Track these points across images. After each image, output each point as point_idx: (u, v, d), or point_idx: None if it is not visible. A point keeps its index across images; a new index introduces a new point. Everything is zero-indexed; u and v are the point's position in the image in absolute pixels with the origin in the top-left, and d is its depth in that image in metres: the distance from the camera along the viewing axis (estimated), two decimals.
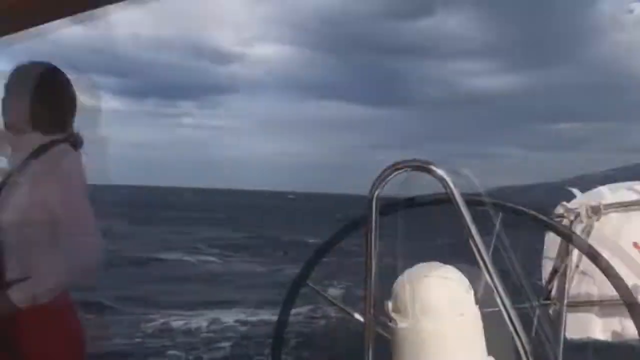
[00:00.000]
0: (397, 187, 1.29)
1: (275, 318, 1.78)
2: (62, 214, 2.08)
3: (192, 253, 22.65)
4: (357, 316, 1.58)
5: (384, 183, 1.23)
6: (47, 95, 2.22)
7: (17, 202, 2.11)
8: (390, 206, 1.39)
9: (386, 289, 1.28)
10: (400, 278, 1.23)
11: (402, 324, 1.17)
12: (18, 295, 1.99)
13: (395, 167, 1.22)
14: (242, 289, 15.22)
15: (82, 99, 2.32)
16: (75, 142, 2.25)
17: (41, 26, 2.08)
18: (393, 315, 1.20)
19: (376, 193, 1.24)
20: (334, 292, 11.69)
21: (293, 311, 1.75)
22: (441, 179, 1.19)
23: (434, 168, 1.19)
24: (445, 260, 1.28)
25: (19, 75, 2.21)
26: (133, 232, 27.04)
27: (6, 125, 2.26)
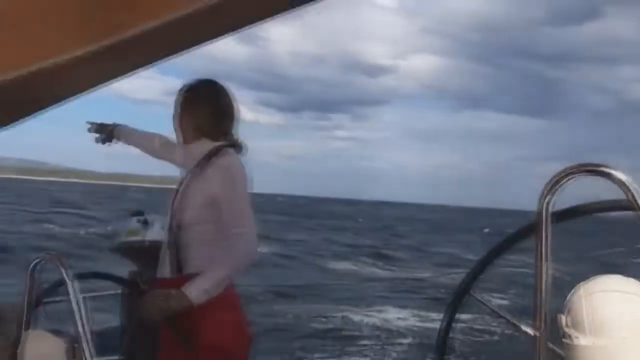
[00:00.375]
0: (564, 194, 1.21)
1: (437, 325, 1.76)
2: (228, 211, 2.28)
3: (348, 259, 23.10)
4: (527, 329, 1.50)
5: (556, 188, 1.15)
6: (215, 107, 2.46)
7: (191, 202, 2.32)
8: (563, 213, 1.30)
9: (558, 301, 1.21)
10: (575, 291, 1.15)
11: (578, 340, 1.09)
12: (193, 293, 2.15)
13: (568, 171, 1.13)
14: (399, 293, 15.14)
15: (243, 112, 2.55)
16: (239, 147, 2.46)
17: (209, 46, 2.30)
18: (567, 330, 1.13)
19: (547, 199, 1.17)
20: (498, 303, 11.27)
21: (457, 318, 1.72)
22: (621, 184, 1.09)
23: (612, 171, 1.09)
24: (626, 273, 1.17)
25: (191, 90, 2.48)
26: (297, 237, 28.41)
27: (178, 136, 2.54)
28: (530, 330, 1.43)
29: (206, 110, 2.44)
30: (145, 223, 2.90)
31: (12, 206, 37.26)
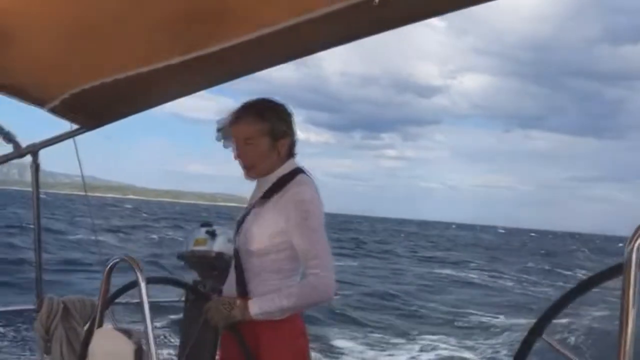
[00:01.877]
0: None
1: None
2: (303, 248, 2.19)
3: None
4: None
5: None
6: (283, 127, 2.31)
7: (261, 231, 2.26)
8: None
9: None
10: None
11: None
12: (256, 309, 2.19)
13: None
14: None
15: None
16: (308, 172, 2.33)
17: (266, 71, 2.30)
18: None
19: (638, 242, 1.11)
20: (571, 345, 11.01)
21: None
22: None
23: None
24: None
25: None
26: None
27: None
28: None
29: (276, 129, 2.30)
30: (213, 234, 2.95)
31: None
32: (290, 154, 2.36)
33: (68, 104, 2.43)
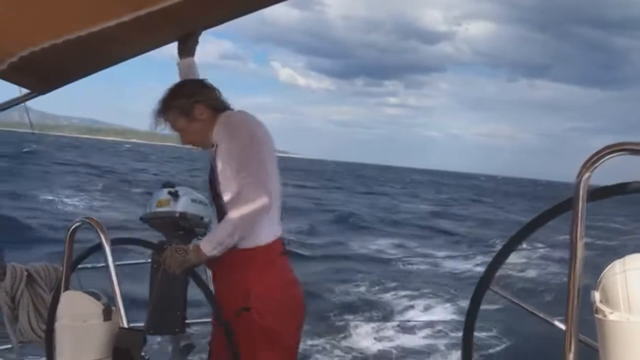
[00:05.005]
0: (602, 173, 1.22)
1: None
2: (235, 161, 2.30)
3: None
4: (555, 322, 1.49)
5: (594, 167, 1.16)
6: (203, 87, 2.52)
7: (219, 170, 2.38)
8: (600, 191, 1.31)
9: (592, 279, 1.23)
10: (609, 269, 1.16)
11: (611, 316, 1.11)
12: (207, 247, 2.27)
13: (608, 149, 1.15)
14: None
15: (295, 78, 2.55)
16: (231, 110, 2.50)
17: (262, 10, 2.30)
18: (600, 306, 1.15)
19: (585, 177, 1.18)
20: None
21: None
22: None
23: None
24: None
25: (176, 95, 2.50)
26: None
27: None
28: (558, 323, 1.42)
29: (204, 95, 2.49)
30: (176, 195, 2.95)
31: None
32: (218, 109, 2.47)
33: (17, 68, 2.35)
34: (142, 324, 2.51)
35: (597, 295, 1.16)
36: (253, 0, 2.11)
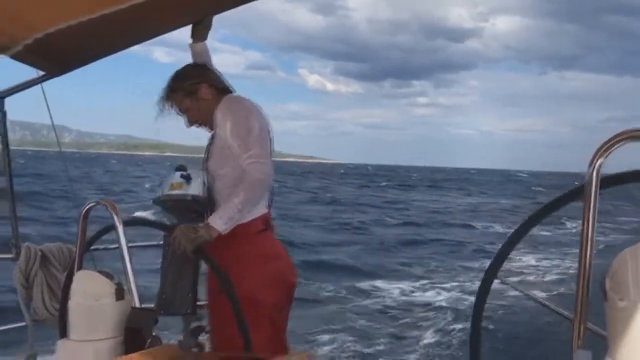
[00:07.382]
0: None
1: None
2: (233, 141, 2.41)
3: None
4: (563, 312, 1.49)
5: (607, 153, 1.16)
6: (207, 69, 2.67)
7: (213, 151, 2.54)
8: (613, 178, 1.30)
9: (603, 265, 1.22)
10: (620, 255, 1.16)
11: (621, 302, 1.11)
12: (218, 222, 2.33)
13: (621, 136, 1.14)
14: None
15: (323, 84, 2.64)
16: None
17: (287, 17, 2.33)
18: (611, 292, 1.14)
19: (598, 163, 1.17)
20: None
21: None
22: None
23: None
24: None
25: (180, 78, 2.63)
26: None
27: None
28: (566, 312, 1.42)
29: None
30: (189, 178, 2.96)
31: None
32: (221, 91, 2.61)
33: (32, 49, 2.37)
34: (153, 305, 2.54)
35: (607, 283, 1.16)
36: None
